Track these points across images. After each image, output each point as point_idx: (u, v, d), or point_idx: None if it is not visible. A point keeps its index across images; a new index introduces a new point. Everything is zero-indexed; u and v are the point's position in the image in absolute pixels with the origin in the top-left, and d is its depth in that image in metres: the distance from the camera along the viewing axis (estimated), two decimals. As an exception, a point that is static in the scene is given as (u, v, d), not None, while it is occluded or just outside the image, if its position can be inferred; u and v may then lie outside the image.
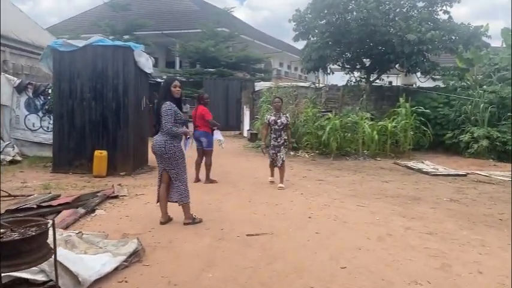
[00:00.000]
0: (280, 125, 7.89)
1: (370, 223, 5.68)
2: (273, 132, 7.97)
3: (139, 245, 4.32)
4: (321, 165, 11.09)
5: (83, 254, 3.90)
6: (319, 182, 8.71)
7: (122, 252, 4.03)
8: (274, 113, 8.02)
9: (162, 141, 5.21)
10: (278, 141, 7.96)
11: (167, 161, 5.26)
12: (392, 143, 13.18)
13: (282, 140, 7.98)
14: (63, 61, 8.63)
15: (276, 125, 7.91)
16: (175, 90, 5.25)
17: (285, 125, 7.95)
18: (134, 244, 4.26)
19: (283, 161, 8.02)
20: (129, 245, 4.24)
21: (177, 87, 5.27)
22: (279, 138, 7.96)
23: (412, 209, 6.58)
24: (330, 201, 6.96)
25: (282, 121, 7.90)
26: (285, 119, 7.94)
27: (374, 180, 9.10)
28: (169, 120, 5.12)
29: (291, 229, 5.33)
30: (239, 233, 5.07)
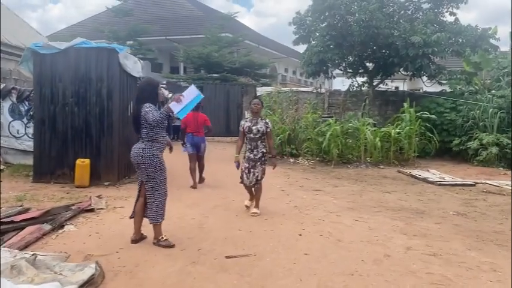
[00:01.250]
0: (257, 133, 6.19)
1: (366, 242, 5.09)
2: (248, 142, 6.34)
3: (98, 270, 3.77)
4: (321, 174, 10.51)
5: (25, 284, 3.35)
6: (316, 192, 8.13)
7: (74, 281, 3.49)
8: (250, 118, 6.38)
9: (140, 149, 4.68)
10: (254, 153, 6.28)
11: (144, 171, 4.72)
12: (396, 150, 12.57)
13: (259, 153, 6.27)
14: (44, 64, 8.15)
15: (251, 133, 6.23)
16: (161, 93, 5.02)
17: (263, 134, 6.23)
18: (91, 270, 3.71)
19: (259, 181, 6.35)
20: (84, 271, 3.70)
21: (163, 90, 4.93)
22: (255, 150, 6.27)
23: (414, 224, 5.98)
24: (325, 215, 6.38)
25: (258, 128, 6.19)
26: (263, 126, 6.21)
27: (375, 190, 8.51)
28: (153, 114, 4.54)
29: (278, 249, 4.76)
30: (218, 254, 4.51)
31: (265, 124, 6.29)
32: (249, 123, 6.30)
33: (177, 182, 8.77)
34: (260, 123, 6.26)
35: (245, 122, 6.36)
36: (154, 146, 4.66)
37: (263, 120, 6.34)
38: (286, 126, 13.07)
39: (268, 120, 6.38)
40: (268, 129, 6.28)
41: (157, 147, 4.68)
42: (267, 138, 6.34)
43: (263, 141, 6.31)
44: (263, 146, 6.32)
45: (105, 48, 8.17)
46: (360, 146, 12.19)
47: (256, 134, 6.21)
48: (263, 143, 6.31)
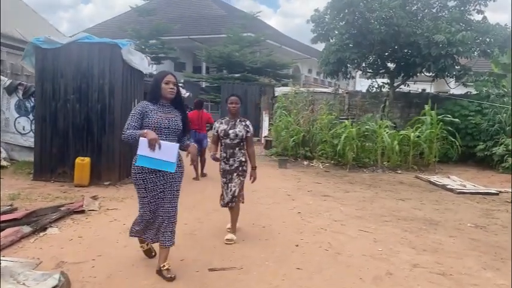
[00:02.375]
0: (234, 138, 4.97)
1: (369, 256, 4.62)
2: (223, 150, 5.08)
3: (61, 281, 3.43)
4: (333, 178, 10.01)
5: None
6: (324, 198, 7.66)
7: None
8: (226, 120, 5.12)
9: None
10: (230, 163, 5.00)
11: None
12: (416, 155, 11.95)
13: (236, 163, 4.99)
14: (46, 59, 7.94)
15: (227, 138, 4.99)
16: (168, 88, 3.69)
17: (242, 139, 5.00)
18: (53, 281, 3.38)
19: (235, 197, 5.03)
20: (46, 283, 3.37)
21: (170, 84, 3.69)
22: (231, 159, 4.99)
23: (426, 237, 5.46)
24: (329, 223, 5.92)
25: (237, 132, 4.97)
26: (242, 129, 4.99)
27: (388, 197, 7.97)
28: (127, 123, 3.66)
29: (268, 262, 4.33)
30: (201, 266, 4.12)
31: (246, 127, 5.02)
32: (225, 125, 5.05)
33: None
34: (239, 125, 5.01)
35: (220, 124, 5.09)
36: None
37: (243, 122, 5.05)
38: (300, 128, 12.61)
39: (249, 123, 5.12)
40: (248, 134, 5.03)
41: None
42: (246, 144, 5.06)
43: (242, 148, 5.05)
44: (241, 153, 5.05)
45: (107, 44, 7.89)
46: (377, 150, 11.62)
47: (233, 139, 4.98)
48: (242, 151, 5.05)
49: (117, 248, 4.59)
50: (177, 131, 3.78)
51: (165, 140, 3.63)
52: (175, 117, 3.78)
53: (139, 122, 3.65)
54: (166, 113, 3.73)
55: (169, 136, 3.71)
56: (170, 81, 3.71)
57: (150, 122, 3.63)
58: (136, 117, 3.66)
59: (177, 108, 3.85)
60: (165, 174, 3.72)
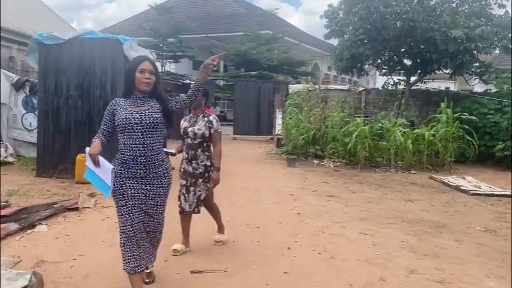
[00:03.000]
0: (194, 137, 4.27)
1: (364, 260, 4.36)
2: (185, 149, 4.39)
3: (32, 281, 3.30)
4: (342, 177, 9.72)
5: None
6: (329, 198, 7.39)
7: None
8: (190, 116, 4.46)
9: None
10: (193, 166, 4.32)
11: None
12: (431, 154, 11.52)
13: (200, 167, 4.30)
14: (49, 55, 7.92)
15: (187, 137, 4.33)
16: (143, 78, 3.05)
17: (204, 138, 4.29)
18: (23, 282, 3.26)
19: (200, 201, 4.41)
20: (17, 282, 3.24)
21: (146, 73, 3.05)
22: (194, 162, 4.31)
23: (429, 240, 5.16)
24: (328, 225, 5.66)
25: (195, 130, 4.26)
26: (203, 127, 4.26)
27: (397, 198, 7.65)
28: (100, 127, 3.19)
29: (255, 265, 4.13)
30: (184, 268, 3.95)
31: (208, 123, 4.28)
32: (187, 122, 4.40)
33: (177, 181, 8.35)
34: (200, 122, 4.28)
35: (183, 122, 4.45)
36: (115, 158, 3.20)
37: (205, 117, 4.31)
38: (311, 126, 12.33)
39: (214, 118, 4.35)
40: (213, 131, 4.28)
41: (116, 162, 3.17)
42: (212, 143, 4.36)
43: (206, 149, 4.33)
44: (206, 156, 4.31)
45: (108, 39, 7.82)
46: (390, 149, 11.25)
47: (193, 138, 4.28)
48: (206, 152, 4.32)
49: (102, 247, 4.47)
50: (154, 126, 3.07)
51: (143, 139, 3.04)
52: (150, 109, 3.08)
53: (109, 124, 3.13)
54: (137, 106, 3.09)
55: (145, 133, 3.05)
56: (146, 70, 3.05)
57: (119, 121, 3.06)
58: (105, 119, 3.14)
59: (156, 97, 3.17)
60: (148, 183, 3.12)
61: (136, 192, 3.12)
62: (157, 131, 3.13)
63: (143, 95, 3.15)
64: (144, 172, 3.10)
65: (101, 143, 3.05)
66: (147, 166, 3.09)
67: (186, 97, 3.22)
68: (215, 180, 4.33)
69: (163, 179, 3.19)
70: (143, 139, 3.06)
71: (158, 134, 3.14)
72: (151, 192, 3.15)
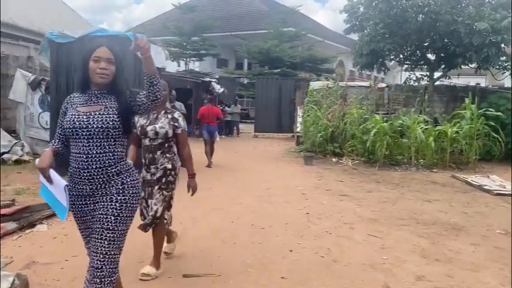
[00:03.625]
0: (154, 136, 3.63)
1: (369, 265, 4.11)
2: (142, 153, 3.73)
3: (15, 284, 3.22)
4: (360, 176, 9.41)
5: None
6: (341, 198, 7.13)
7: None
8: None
9: None
10: (152, 172, 3.66)
11: None
12: (455, 152, 11.06)
13: (158, 171, 3.65)
14: (60, 53, 7.91)
15: (145, 138, 3.66)
16: (96, 68, 2.41)
17: (166, 139, 3.65)
18: (5, 284, 3.17)
19: (157, 218, 3.66)
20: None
21: (102, 62, 2.41)
22: (152, 167, 3.66)
23: (443, 244, 4.86)
24: (337, 226, 5.42)
25: (156, 129, 3.62)
26: (166, 125, 3.63)
27: (414, 198, 7.32)
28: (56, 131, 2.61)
29: (252, 269, 3.94)
30: (177, 272, 3.80)
31: (172, 121, 3.64)
32: (144, 119, 3.68)
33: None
34: (162, 119, 3.64)
35: (139, 118, 3.68)
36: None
37: (169, 114, 3.68)
38: (329, 123, 12.04)
39: (179, 115, 3.71)
40: (179, 130, 3.66)
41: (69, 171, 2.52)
42: (178, 144, 3.73)
43: (167, 152, 3.66)
44: (166, 159, 3.66)
45: (118, 37, 7.73)
46: (411, 146, 10.85)
47: (153, 138, 3.62)
48: (166, 155, 3.66)
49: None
50: (103, 132, 2.39)
51: (88, 148, 2.40)
52: (102, 110, 2.42)
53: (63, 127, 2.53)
54: (89, 105, 2.45)
55: (92, 141, 2.39)
56: (101, 58, 2.41)
57: (64, 124, 2.47)
58: (60, 120, 2.55)
59: (115, 94, 2.48)
60: (96, 202, 2.45)
61: (84, 214, 2.51)
62: (111, 139, 2.43)
63: (100, 90, 2.47)
64: (90, 189, 2.44)
65: (53, 152, 2.46)
66: (92, 182, 2.42)
67: (145, 97, 2.45)
68: (194, 188, 3.78)
69: (115, 197, 2.44)
70: (89, 148, 2.39)
71: (112, 142, 2.44)
72: (98, 212, 2.44)
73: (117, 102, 2.48)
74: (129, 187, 2.49)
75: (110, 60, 2.45)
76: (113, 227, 2.42)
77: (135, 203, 2.52)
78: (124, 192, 2.47)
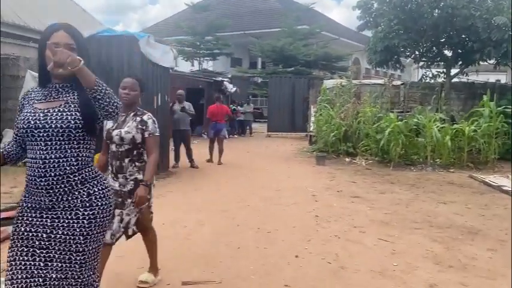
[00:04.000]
0: (120, 142, 3.19)
1: (378, 272, 3.91)
2: (109, 160, 3.30)
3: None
4: (373, 177, 9.16)
5: None
6: (353, 199, 6.91)
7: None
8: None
9: None
10: (120, 181, 3.23)
11: None
12: (473, 151, 10.71)
13: (128, 182, 3.22)
14: (68, 54, 7.86)
15: (112, 142, 3.23)
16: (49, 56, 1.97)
17: (134, 144, 3.22)
18: (-3, 292, 3.07)
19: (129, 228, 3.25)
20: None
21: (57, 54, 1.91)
22: (120, 176, 3.23)
23: (458, 249, 4.62)
24: (346, 230, 5.22)
25: (122, 134, 3.19)
26: (134, 129, 3.20)
27: (429, 200, 7.06)
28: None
29: (255, 276, 3.78)
30: (176, 278, 3.66)
31: (140, 124, 3.21)
32: (112, 122, 3.23)
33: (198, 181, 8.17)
34: (130, 123, 3.22)
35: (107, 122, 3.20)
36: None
37: (138, 116, 3.24)
38: (342, 122, 11.80)
39: (150, 118, 3.26)
40: (147, 134, 3.21)
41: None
42: (146, 151, 3.25)
43: (136, 159, 3.23)
44: (136, 168, 3.22)
45: (125, 36, 7.68)
46: (427, 146, 10.54)
47: (120, 143, 3.19)
48: (136, 163, 3.23)
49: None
50: (63, 133, 2.01)
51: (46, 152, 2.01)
52: (63, 106, 2.04)
53: None
54: (48, 101, 2.08)
55: (51, 144, 2.02)
56: (59, 44, 2.00)
57: (19, 123, 2.10)
58: (17, 119, 2.15)
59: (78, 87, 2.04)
60: (57, 217, 2.03)
61: (36, 230, 2.04)
62: (73, 141, 2.04)
63: (62, 83, 2.09)
64: (49, 201, 2.03)
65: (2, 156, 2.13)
66: (51, 193, 2.02)
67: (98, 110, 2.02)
68: (140, 198, 3.10)
69: (81, 212, 2.04)
70: (46, 152, 2.01)
71: (74, 145, 2.04)
72: (59, 231, 2.02)
73: (80, 97, 2.06)
74: (98, 198, 2.09)
75: (70, 46, 2.03)
76: (83, 248, 2.03)
77: (106, 216, 2.13)
78: (92, 205, 2.07)
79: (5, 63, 9.79)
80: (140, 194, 3.11)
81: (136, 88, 3.30)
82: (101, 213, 2.09)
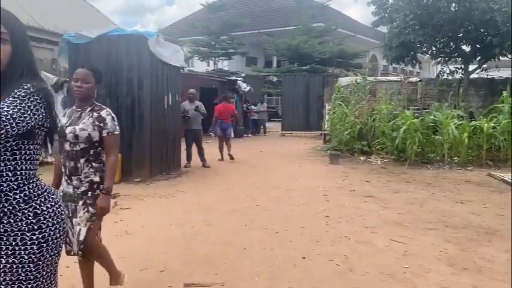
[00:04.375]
0: (75, 140, 2.82)
1: (387, 275, 3.76)
2: (63, 160, 2.91)
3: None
4: (388, 175, 8.96)
5: None
6: (366, 199, 6.74)
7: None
8: (71, 109, 2.99)
9: None
10: (74, 184, 2.85)
11: None
12: (492, 149, 10.40)
13: (83, 184, 2.84)
14: (78, 54, 7.86)
15: (66, 141, 2.85)
16: None
17: (91, 143, 2.84)
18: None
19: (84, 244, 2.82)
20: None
21: None
22: (74, 177, 2.84)
23: (473, 250, 4.42)
24: (357, 230, 5.07)
25: (76, 131, 2.81)
26: (90, 126, 2.83)
27: (444, 199, 6.83)
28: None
29: (258, 278, 3.67)
30: (178, 280, 3.57)
31: (97, 121, 2.84)
32: (66, 118, 2.93)
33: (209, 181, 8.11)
34: (86, 119, 2.85)
35: (62, 117, 2.94)
36: None
37: (96, 112, 2.88)
38: (357, 120, 11.59)
39: (108, 113, 2.90)
40: (106, 133, 2.85)
41: None
42: (105, 152, 2.89)
43: (93, 159, 2.87)
44: (93, 169, 2.86)
45: (134, 35, 7.65)
46: (444, 143, 10.27)
47: (74, 142, 2.82)
48: (93, 163, 2.87)
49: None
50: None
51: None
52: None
53: None
54: None
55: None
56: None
57: None
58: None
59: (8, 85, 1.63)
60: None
61: None
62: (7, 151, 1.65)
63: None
64: None
65: None
66: None
67: None
68: (102, 209, 2.81)
69: (29, 236, 1.69)
70: None
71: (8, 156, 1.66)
72: (4, 260, 1.66)
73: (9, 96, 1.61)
74: (47, 218, 1.73)
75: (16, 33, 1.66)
76: (34, 275, 1.70)
77: (59, 237, 1.78)
78: (41, 227, 1.70)
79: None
80: (101, 204, 2.80)
81: (89, 79, 2.86)
82: (52, 234, 1.74)
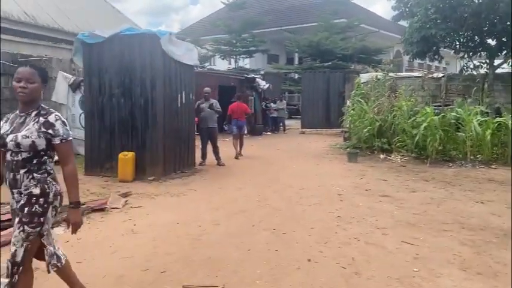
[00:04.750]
0: (16, 148, 2.54)
1: (395, 279, 3.60)
2: (3, 171, 2.65)
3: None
4: (407, 174, 8.71)
5: None
6: (381, 199, 6.54)
7: None
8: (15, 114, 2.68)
9: None
10: (15, 197, 2.62)
11: None
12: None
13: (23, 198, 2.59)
14: (92, 54, 7.94)
15: (7, 150, 2.59)
16: None
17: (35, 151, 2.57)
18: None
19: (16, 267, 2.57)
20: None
21: None
22: (14, 191, 2.61)
23: (489, 254, 4.21)
24: (368, 231, 4.90)
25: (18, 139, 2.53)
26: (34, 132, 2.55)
27: (464, 199, 6.58)
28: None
29: (260, 281, 3.57)
30: (178, 282, 3.51)
31: (44, 127, 2.58)
32: (8, 124, 2.66)
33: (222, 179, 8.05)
34: (30, 125, 2.58)
35: (4, 123, 2.68)
36: None
37: (40, 117, 2.60)
38: (376, 117, 11.33)
39: (57, 118, 2.62)
40: (58, 140, 2.60)
41: None
42: (60, 161, 2.66)
43: (35, 171, 2.60)
44: (34, 181, 2.59)
45: (146, 34, 7.64)
46: (466, 141, 9.92)
47: (16, 151, 2.56)
48: (34, 174, 2.59)
49: (104, 253, 4.17)
50: None
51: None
52: None
53: None
54: None
55: None
56: None
57: None
58: None
59: None
60: None
61: None
62: None
63: None
64: None
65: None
66: None
67: None
68: (74, 225, 2.72)
69: None
70: None
71: None
72: None
73: None
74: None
75: None
76: None
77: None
78: None
79: (38, 64, 10.03)
80: (74, 219, 2.68)
81: (35, 79, 2.58)
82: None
